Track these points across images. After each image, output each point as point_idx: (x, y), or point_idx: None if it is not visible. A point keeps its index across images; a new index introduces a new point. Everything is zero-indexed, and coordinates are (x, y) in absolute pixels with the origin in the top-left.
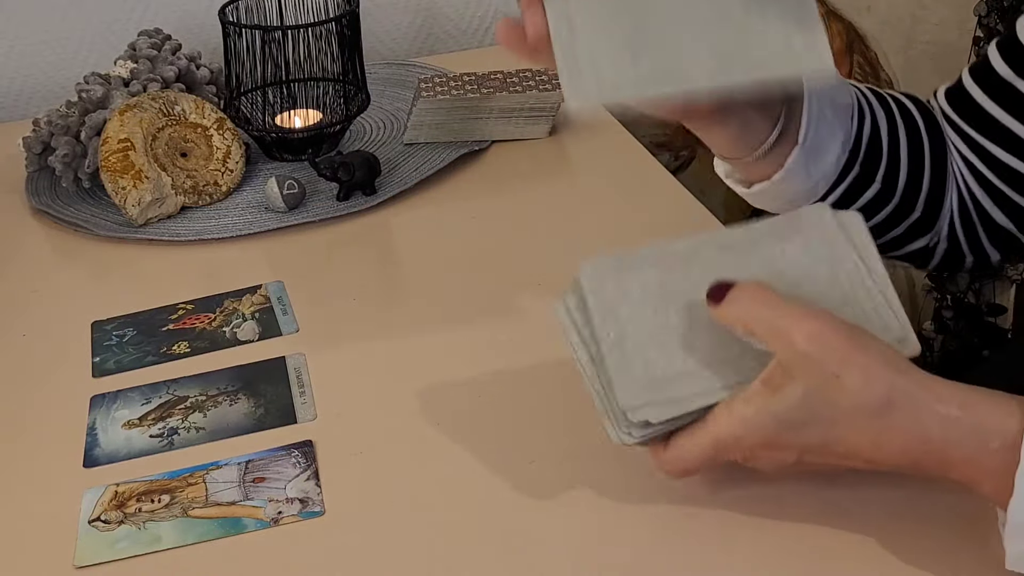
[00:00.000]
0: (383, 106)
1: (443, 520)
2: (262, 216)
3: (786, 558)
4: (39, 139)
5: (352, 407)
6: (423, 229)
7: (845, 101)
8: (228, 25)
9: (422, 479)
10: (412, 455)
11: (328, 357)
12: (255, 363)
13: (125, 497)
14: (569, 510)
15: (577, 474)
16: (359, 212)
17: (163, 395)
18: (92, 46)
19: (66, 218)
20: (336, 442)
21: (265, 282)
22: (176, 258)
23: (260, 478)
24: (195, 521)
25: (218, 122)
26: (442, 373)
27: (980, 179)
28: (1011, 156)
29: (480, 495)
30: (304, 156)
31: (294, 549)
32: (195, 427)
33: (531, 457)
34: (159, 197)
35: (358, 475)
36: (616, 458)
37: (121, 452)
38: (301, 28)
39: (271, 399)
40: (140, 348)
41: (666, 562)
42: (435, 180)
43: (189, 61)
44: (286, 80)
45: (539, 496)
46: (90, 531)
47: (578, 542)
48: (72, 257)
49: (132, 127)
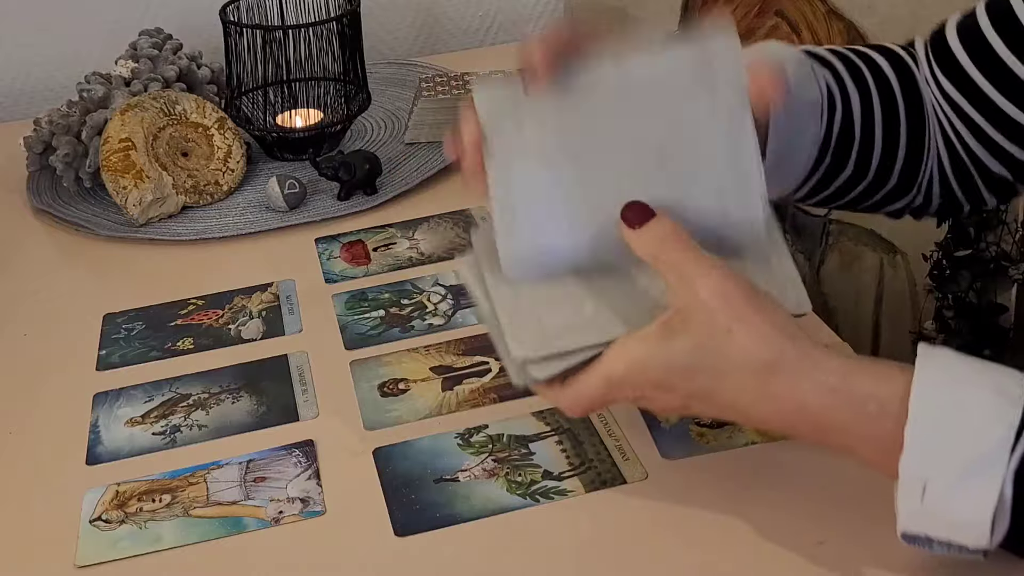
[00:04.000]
0: (384, 105)
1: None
2: (263, 216)
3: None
4: (40, 139)
5: (353, 406)
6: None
7: (813, 98)
8: (229, 25)
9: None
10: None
11: (330, 356)
12: (258, 361)
13: (126, 497)
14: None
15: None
16: (360, 212)
17: (166, 393)
18: (93, 46)
19: (67, 218)
20: (337, 442)
21: (277, 280)
22: (177, 258)
23: (261, 478)
24: (196, 521)
25: (219, 122)
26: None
27: (975, 130)
28: (1016, 108)
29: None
30: (305, 156)
31: (295, 549)
32: (197, 425)
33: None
34: (160, 197)
35: (359, 475)
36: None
37: (124, 450)
38: (302, 28)
39: (273, 397)
40: (146, 343)
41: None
42: (436, 180)
43: (190, 61)
44: (287, 80)
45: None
46: (91, 531)
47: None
48: (73, 257)
49: (133, 127)
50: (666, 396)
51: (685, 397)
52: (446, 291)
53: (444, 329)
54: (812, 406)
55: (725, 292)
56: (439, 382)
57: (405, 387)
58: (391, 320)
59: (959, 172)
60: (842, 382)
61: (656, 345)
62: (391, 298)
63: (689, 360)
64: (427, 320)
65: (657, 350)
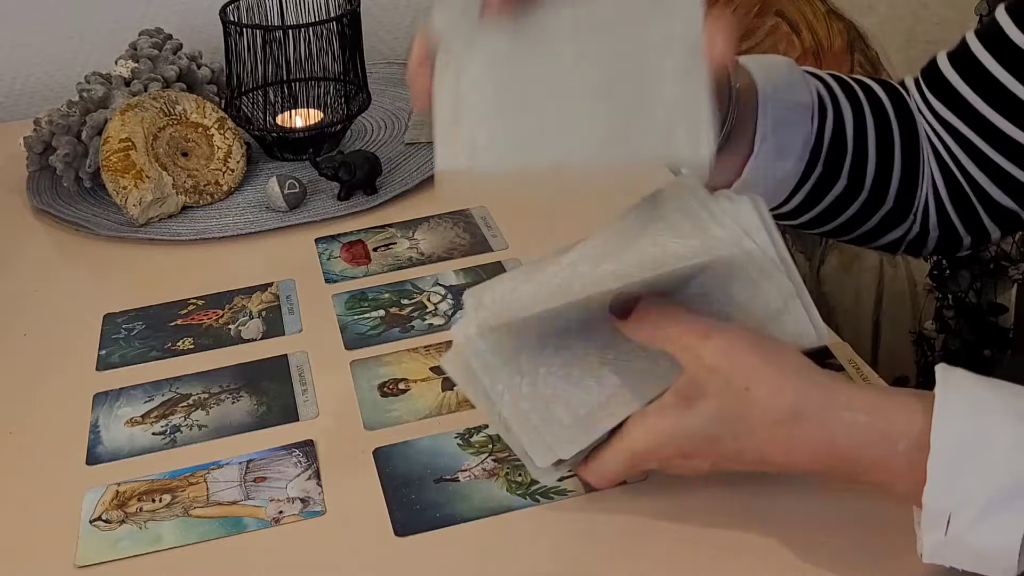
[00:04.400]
0: (384, 105)
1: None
2: (263, 216)
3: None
4: (40, 139)
5: (353, 406)
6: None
7: (804, 100)
8: (229, 25)
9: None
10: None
11: (330, 356)
12: (258, 361)
13: (126, 497)
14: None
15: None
16: (360, 212)
17: (166, 392)
18: (93, 46)
19: (67, 217)
20: (337, 442)
21: (277, 280)
22: (177, 257)
23: (261, 477)
24: (196, 520)
25: (219, 122)
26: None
27: (978, 158)
28: (1015, 128)
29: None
30: (305, 156)
31: (295, 549)
32: (197, 425)
33: None
34: (160, 196)
35: (359, 475)
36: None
37: (124, 449)
38: (302, 27)
39: (273, 397)
40: (146, 343)
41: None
42: (436, 180)
43: (190, 61)
44: (287, 80)
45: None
46: (91, 531)
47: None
48: (73, 257)
49: (133, 127)
50: (693, 462)
51: (714, 461)
52: (446, 291)
53: (444, 329)
54: (843, 445)
55: (730, 353)
56: (439, 382)
57: (405, 387)
58: (391, 320)
59: (959, 202)
60: (871, 418)
61: (677, 416)
62: (391, 298)
63: (712, 427)
64: (427, 320)
65: (679, 421)
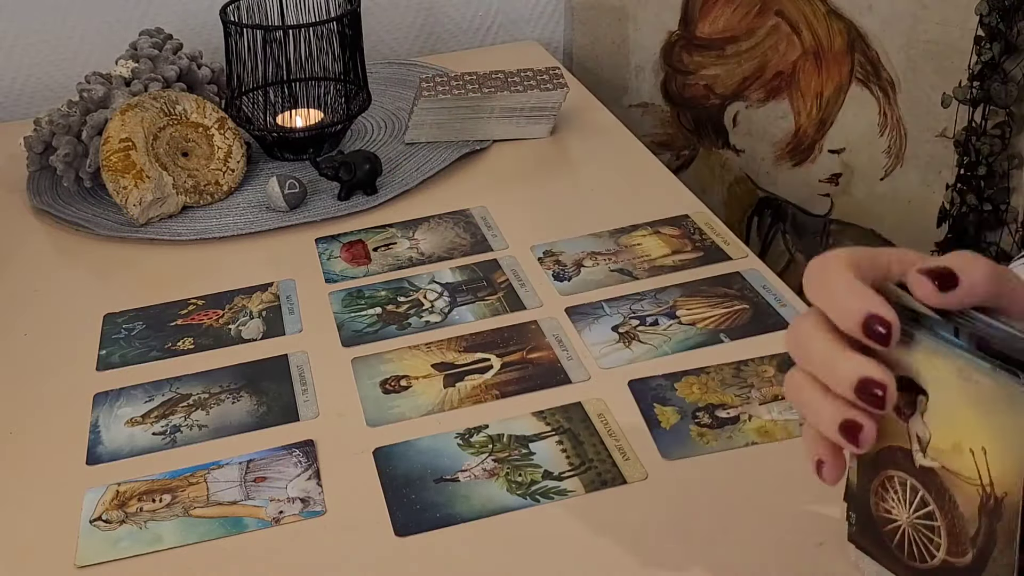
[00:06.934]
0: (384, 105)
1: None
2: (263, 216)
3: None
4: (40, 138)
5: (354, 406)
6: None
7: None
8: (229, 24)
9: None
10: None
11: (331, 356)
12: (258, 361)
13: (126, 497)
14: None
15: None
16: (360, 212)
17: (166, 392)
18: (93, 45)
19: (67, 217)
20: (337, 442)
21: (277, 280)
22: (177, 257)
23: (261, 478)
24: (196, 521)
25: (219, 122)
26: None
27: None
28: None
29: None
30: (305, 156)
31: (295, 549)
32: (197, 425)
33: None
34: (160, 197)
35: (359, 475)
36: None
37: (124, 449)
38: (302, 28)
39: (273, 397)
40: (146, 343)
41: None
42: (436, 180)
43: (190, 60)
44: (287, 80)
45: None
46: (91, 531)
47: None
48: (73, 257)
49: (133, 126)
50: None
51: None
52: (442, 288)
53: (441, 326)
54: None
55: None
56: (441, 379)
57: (407, 384)
58: (387, 317)
59: None
60: None
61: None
62: (387, 295)
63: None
64: (424, 317)
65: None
